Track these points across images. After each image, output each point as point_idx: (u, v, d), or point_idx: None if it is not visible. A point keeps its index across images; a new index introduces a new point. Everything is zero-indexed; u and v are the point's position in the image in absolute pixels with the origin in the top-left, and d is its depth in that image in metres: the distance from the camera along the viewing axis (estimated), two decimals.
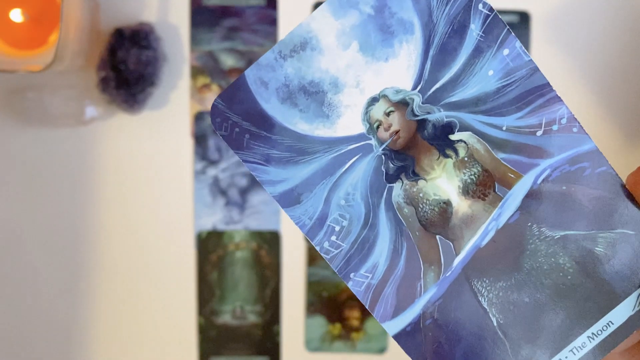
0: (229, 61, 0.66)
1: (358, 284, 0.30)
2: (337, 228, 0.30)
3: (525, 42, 0.66)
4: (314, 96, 0.29)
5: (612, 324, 0.30)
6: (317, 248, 0.30)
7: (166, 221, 0.67)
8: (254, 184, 0.67)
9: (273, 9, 0.66)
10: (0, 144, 0.66)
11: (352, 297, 0.68)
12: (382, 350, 0.68)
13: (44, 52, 0.62)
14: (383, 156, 0.30)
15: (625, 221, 0.30)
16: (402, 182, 0.30)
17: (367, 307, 0.30)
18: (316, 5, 0.65)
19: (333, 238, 0.30)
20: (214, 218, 0.67)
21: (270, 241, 0.67)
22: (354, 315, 0.68)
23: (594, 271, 0.30)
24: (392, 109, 0.30)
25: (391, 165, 0.30)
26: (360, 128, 0.30)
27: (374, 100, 0.30)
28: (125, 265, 0.67)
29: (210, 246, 0.67)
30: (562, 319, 0.30)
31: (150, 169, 0.67)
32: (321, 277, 0.67)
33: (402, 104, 0.30)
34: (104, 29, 0.65)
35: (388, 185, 0.30)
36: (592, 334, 0.30)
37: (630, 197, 0.30)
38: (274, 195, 0.30)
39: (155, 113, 0.66)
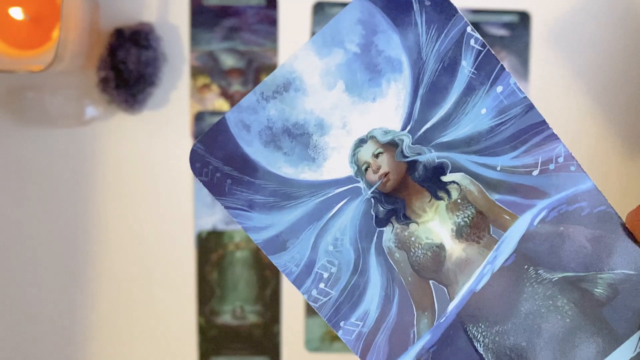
0: (229, 61, 0.67)
1: (349, 332, 0.30)
2: (326, 275, 0.29)
3: (525, 42, 0.66)
4: (298, 138, 0.28)
5: None
6: (305, 296, 0.29)
7: (166, 221, 0.68)
8: None
9: (273, 9, 0.66)
10: (0, 144, 0.67)
11: None
12: None
13: (44, 52, 0.62)
14: (372, 199, 0.29)
15: (626, 261, 0.29)
16: (393, 226, 0.29)
17: (358, 357, 0.30)
18: (316, 6, 0.66)
19: (321, 285, 0.29)
20: (214, 218, 0.68)
21: None
22: None
23: (594, 313, 0.29)
24: (380, 150, 0.29)
25: (381, 208, 0.29)
26: (347, 171, 0.29)
27: (361, 142, 0.29)
28: (125, 265, 0.68)
29: (210, 246, 0.68)
30: None
31: (150, 169, 0.67)
32: None
33: (391, 145, 0.29)
34: (104, 29, 0.65)
35: (378, 229, 0.29)
36: None
37: (631, 236, 0.29)
38: (259, 242, 0.29)
39: (155, 113, 0.67)
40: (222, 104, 0.66)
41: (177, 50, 0.66)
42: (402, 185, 0.29)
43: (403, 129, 0.29)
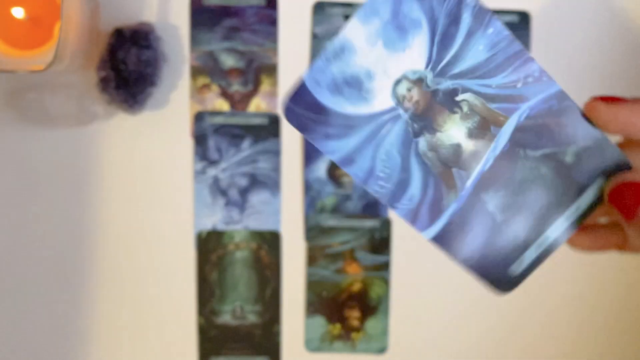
0: (229, 61, 0.68)
1: (402, 210, 0.43)
2: (383, 175, 0.43)
3: (525, 42, 0.68)
4: (355, 86, 0.41)
5: (580, 207, 0.44)
6: (371, 191, 0.43)
7: (166, 221, 0.69)
8: (254, 184, 0.68)
9: (273, 9, 0.67)
10: (0, 144, 0.67)
11: (352, 297, 0.69)
12: (382, 350, 0.70)
13: (44, 52, 0.63)
14: (409, 120, 0.42)
15: (584, 136, 0.43)
16: (425, 136, 0.43)
17: (410, 224, 0.44)
18: (316, 6, 0.66)
19: (381, 182, 0.43)
20: (214, 218, 0.68)
21: (270, 241, 0.69)
22: (354, 315, 0.69)
23: (566, 174, 0.44)
24: (412, 85, 0.42)
25: (416, 125, 0.42)
26: (390, 103, 0.42)
27: (398, 82, 0.42)
28: (125, 265, 0.69)
29: (210, 246, 0.69)
30: (547, 208, 0.44)
31: (150, 169, 0.68)
32: (321, 277, 0.69)
33: (419, 81, 0.42)
34: (104, 29, 0.67)
35: (415, 140, 0.43)
36: (567, 216, 0.45)
37: (587, 119, 0.43)
38: (336, 160, 0.42)
39: (155, 113, 0.68)
40: (222, 104, 0.68)
41: (177, 50, 0.68)
42: (429, 107, 0.42)
43: (426, 68, 0.41)
